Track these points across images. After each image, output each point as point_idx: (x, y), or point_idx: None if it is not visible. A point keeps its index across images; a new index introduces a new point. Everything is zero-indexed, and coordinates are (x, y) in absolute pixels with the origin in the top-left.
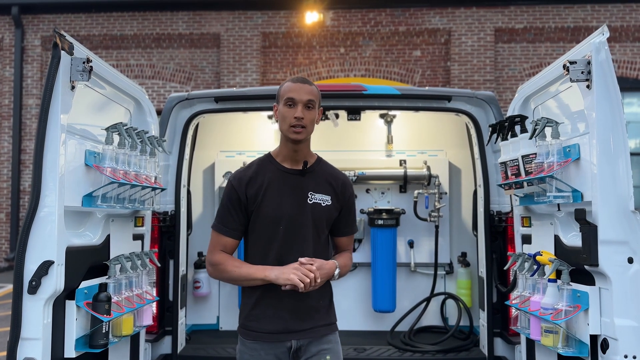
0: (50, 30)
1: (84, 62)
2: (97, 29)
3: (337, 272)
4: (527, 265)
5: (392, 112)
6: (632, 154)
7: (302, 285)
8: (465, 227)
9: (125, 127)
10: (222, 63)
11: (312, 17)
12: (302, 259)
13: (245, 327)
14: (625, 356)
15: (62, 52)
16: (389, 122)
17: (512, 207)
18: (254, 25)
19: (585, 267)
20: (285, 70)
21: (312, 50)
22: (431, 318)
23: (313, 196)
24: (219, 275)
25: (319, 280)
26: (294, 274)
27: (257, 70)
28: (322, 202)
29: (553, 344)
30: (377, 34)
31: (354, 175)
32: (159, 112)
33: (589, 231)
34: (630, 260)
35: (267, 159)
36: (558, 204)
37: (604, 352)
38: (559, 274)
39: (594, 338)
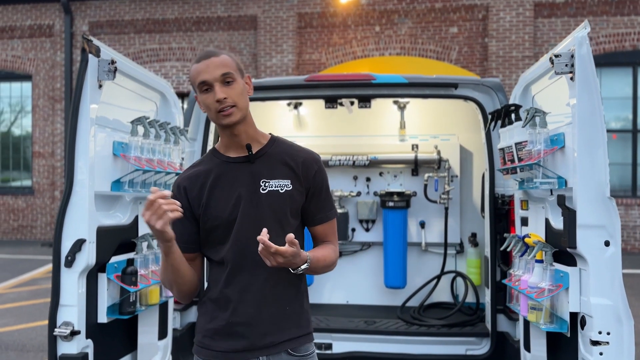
0: (97, 16)
1: (109, 64)
2: (140, 13)
3: (304, 266)
4: (518, 246)
5: (403, 99)
6: None
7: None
8: (475, 208)
9: (148, 120)
10: (259, 45)
11: None
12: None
13: (200, 345)
14: (600, 332)
15: (90, 55)
16: (401, 108)
17: (514, 191)
18: (290, 6)
19: (567, 249)
20: (320, 51)
21: (347, 29)
22: (442, 294)
23: (267, 183)
24: (171, 292)
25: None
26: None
27: (293, 51)
28: (279, 188)
29: (536, 320)
30: (413, 11)
31: (367, 160)
32: None
33: (569, 215)
34: (607, 244)
35: (211, 152)
36: (550, 190)
37: (582, 328)
38: (544, 255)
39: (573, 315)
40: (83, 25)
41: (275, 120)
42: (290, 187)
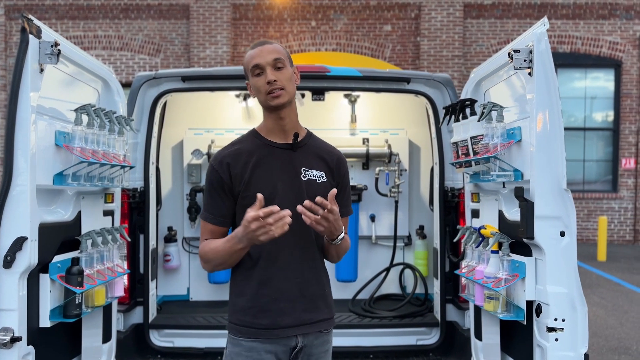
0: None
1: (52, 46)
2: None
3: (342, 235)
4: (473, 237)
5: (355, 93)
6: (600, 129)
7: (277, 233)
8: (423, 201)
9: (93, 108)
10: (192, 35)
11: None
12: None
13: (240, 324)
14: (555, 319)
15: (30, 36)
16: (352, 102)
17: (464, 184)
18: None
19: (523, 239)
20: None
21: (284, 23)
22: (390, 286)
23: (307, 172)
24: (208, 267)
25: (325, 211)
26: (260, 234)
27: (227, 42)
28: (317, 178)
29: (494, 309)
30: (348, 8)
31: None
32: (128, 85)
33: (527, 207)
34: (562, 234)
35: (252, 134)
36: (503, 182)
37: (537, 316)
38: (501, 245)
39: (529, 304)
40: None
41: (224, 111)
42: (325, 180)
